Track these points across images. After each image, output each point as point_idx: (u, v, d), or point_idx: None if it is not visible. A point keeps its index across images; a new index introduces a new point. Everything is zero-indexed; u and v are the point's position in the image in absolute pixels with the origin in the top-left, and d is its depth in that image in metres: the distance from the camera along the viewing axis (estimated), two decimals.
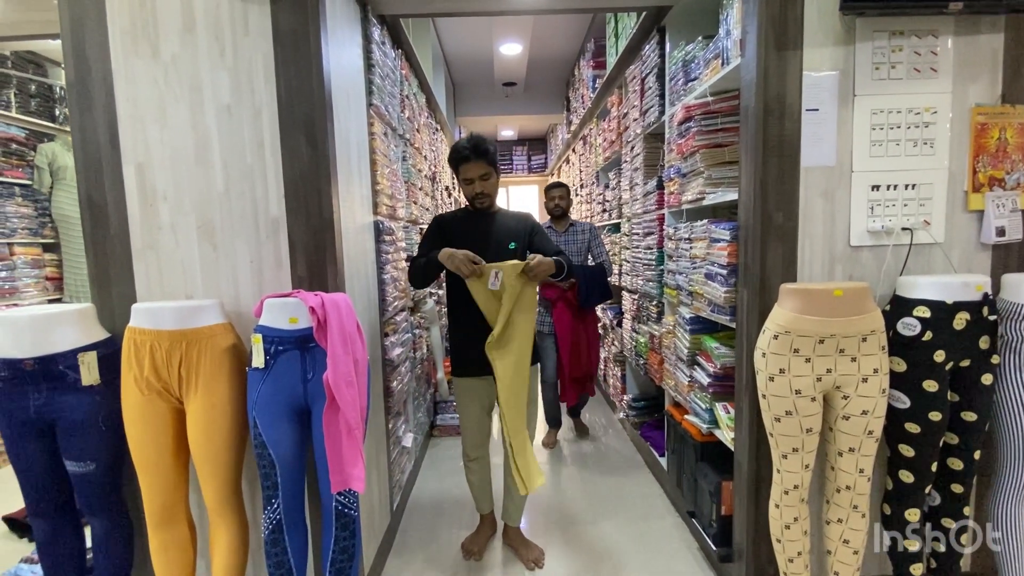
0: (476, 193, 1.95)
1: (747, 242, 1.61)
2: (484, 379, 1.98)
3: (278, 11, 1.49)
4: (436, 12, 2.39)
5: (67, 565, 1.50)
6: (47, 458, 1.42)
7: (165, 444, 1.42)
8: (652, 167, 2.74)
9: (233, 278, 1.56)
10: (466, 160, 1.92)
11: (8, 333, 1.36)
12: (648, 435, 2.93)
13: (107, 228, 1.54)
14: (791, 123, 1.53)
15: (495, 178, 1.98)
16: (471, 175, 1.93)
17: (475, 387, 2.01)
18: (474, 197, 1.97)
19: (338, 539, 1.42)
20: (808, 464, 1.47)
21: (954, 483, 1.53)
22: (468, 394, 2.03)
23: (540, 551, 2.08)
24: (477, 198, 1.97)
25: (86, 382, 1.39)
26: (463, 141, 1.95)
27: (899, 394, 1.46)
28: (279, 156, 1.53)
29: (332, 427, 1.36)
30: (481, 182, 1.94)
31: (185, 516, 1.50)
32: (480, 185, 1.94)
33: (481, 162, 1.91)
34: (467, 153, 1.91)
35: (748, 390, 1.60)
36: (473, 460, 2.10)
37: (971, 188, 1.58)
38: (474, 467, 2.12)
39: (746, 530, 1.67)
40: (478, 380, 2.00)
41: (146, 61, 1.49)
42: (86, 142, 1.52)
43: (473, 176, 1.93)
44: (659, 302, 2.62)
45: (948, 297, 1.42)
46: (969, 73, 1.55)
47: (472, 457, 2.10)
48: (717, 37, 1.88)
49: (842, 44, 1.53)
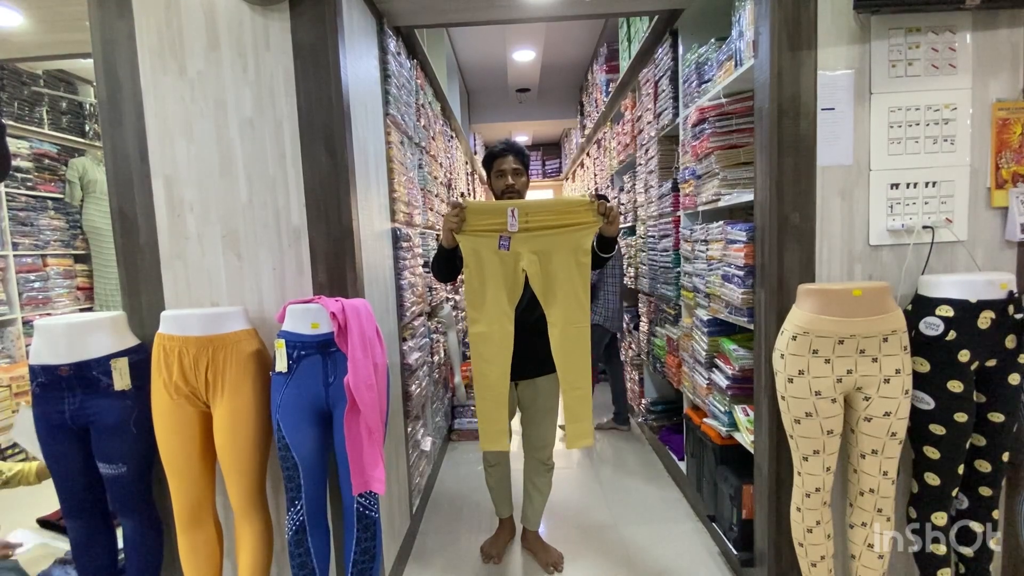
0: (507, 185, 1.92)
1: (764, 243, 1.60)
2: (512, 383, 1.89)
3: (298, 26, 1.54)
4: (450, 22, 2.43)
5: (100, 564, 1.54)
6: (81, 460, 1.47)
7: (193, 447, 1.47)
8: (667, 169, 2.74)
9: (257, 286, 1.60)
10: (502, 154, 1.93)
11: (45, 340, 1.42)
12: (667, 439, 2.91)
13: (137, 239, 1.60)
14: (806, 123, 1.52)
15: (526, 179, 1.97)
16: (504, 167, 1.92)
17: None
18: (504, 190, 1.93)
19: (360, 540, 1.45)
20: (830, 467, 1.45)
21: (982, 486, 1.49)
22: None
23: (559, 555, 2.08)
24: (507, 192, 1.92)
25: (118, 387, 1.45)
26: (499, 142, 1.97)
27: (923, 395, 1.44)
28: (300, 166, 1.57)
29: (353, 430, 1.39)
30: (514, 176, 1.92)
31: (212, 517, 1.54)
32: (512, 178, 1.92)
33: (516, 158, 1.92)
34: (503, 147, 1.93)
35: (767, 392, 1.59)
36: (493, 466, 2.11)
37: (994, 185, 1.55)
38: (494, 472, 2.12)
39: (767, 534, 1.66)
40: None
41: (173, 78, 1.55)
42: (117, 156, 1.58)
43: (506, 168, 1.92)
44: (676, 304, 2.61)
45: (972, 296, 1.39)
46: (989, 68, 1.53)
47: (492, 463, 2.11)
48: (730, 39, 1.88)
49: (857, 43, 1.52)
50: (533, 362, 1.93)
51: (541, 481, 2.08)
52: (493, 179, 1.98)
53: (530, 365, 1.93)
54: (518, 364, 1.83)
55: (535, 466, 2.07)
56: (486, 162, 1.99)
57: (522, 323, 1.81)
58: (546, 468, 2.07)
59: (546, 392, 1.99)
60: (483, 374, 1.79)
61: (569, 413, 1.80)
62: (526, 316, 1.86)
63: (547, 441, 2.04)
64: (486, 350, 1.77)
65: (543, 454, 2.05)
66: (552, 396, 2.00)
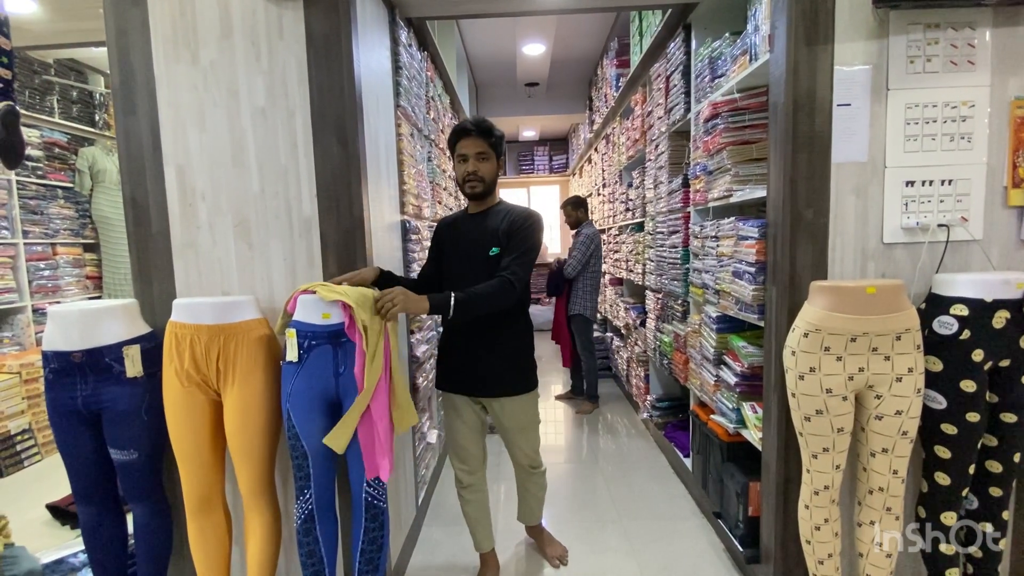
0: (468, 172, 1.69)
1: (776, 239, 1.59)
2: (472, 398, 1.80)
3: (311, 16, 1.53)
4: (461, 14, 2.42)
5: (110, 549, 1.56)
6: (93, 447, 1.49)
7: (203, 434, 1.48)
8: (677, 165, 2.72)
9: (267, 275, 1.61)
10: (466, 134, 1.68)
11: (58, 327, 1.43)
12: (672, 436, 2.91)
13: (149, 227, 1.60)
14: (822, 118, 1.50)
15: (494, 163, 1.72)
16: (467, 151, 1.68)
17: (460, 402, 1.80)
18: (465, 178, 1.70)
19: (368, 530, 1.46)
20: (839, 464, 1.45)
21: (992, 486, 1.49)
22: (453, 411, 1.82)
23: (564, 549, 2.09)
24: (468, 180, 1.69)
25: (130, 374, 1.45)
26: (467, 118, 1.77)
27: (935, 394, 1.43)
28: (312, 157, 1.57)
29: (364, 418, 1.39)
30: (476, 161, 1.68)
31: (221, 504, 1.55)
32: (474, 164, 1.68)
33: (481, 140, 1.67)
34: (469, 127, 1.68)
35: (777, 389, 1.58)
36: (466, 488, 1.87)
37: (1011, 183, 1.53)
38: (468, 496, 1.88)
39: (774, 531, 1.65)
40: (464, 398, 1.80)
41: (186, 67, 1.55)
42: (130, 145, 1.58)
43: (468, 152, 1.68)
44: (684, 301, 2.60)
45: (987, 295, 1.38)
46: (1009, 65, 1.51)
47: (465, 484, 1.87)
48: (745, 33, 1.87)
49: (875, 38, 1.50)
50: (491, 378, 1.75)
51: (534, 485, 2.00)
52: (455, 163, 1.74)
53: (489, 382, 1.76)
54: (475, 380, 1.76)
55: (524, 473, 1.97)
56: (450, 141, 1.74)
57: (469, 336, 1.73)
58: (537, 473, 1.97)
59: (512, 414, 1.80)
60: None
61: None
62: (473, 329, 1.72)
63: (528, 453, 1.89)
64: None
65: (528, 462, 1.92)
66: (523, 416, 1.82)
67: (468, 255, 1.72)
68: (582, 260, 3.60)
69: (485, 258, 1.69)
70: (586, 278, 3.65)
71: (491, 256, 1.69)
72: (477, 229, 1.74)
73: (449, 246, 1.77)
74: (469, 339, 1.74)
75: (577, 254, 3.62)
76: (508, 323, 1.74)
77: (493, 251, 1.69)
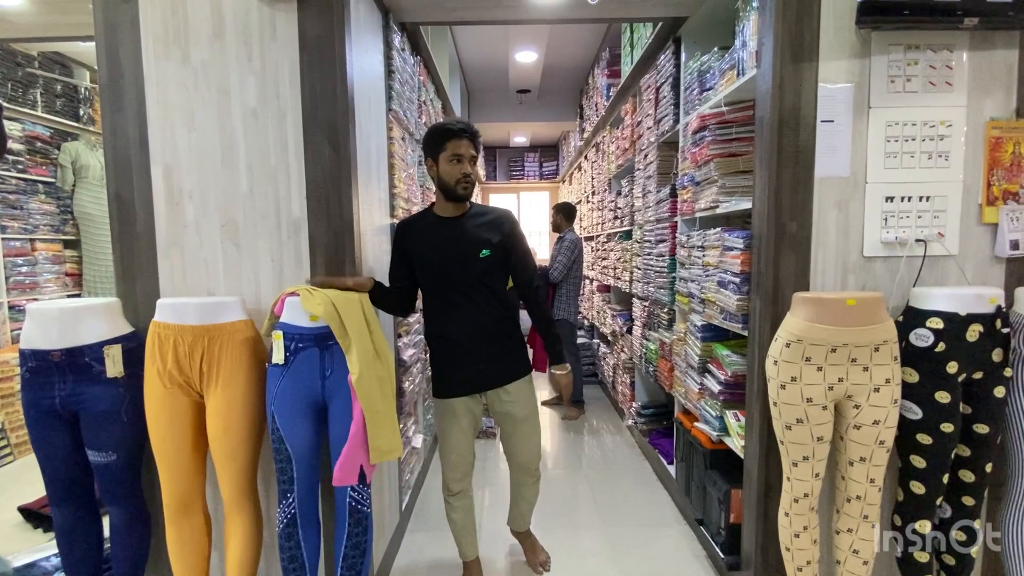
0: (464, 174, 1.67)
1: (760, 251, 1.62)
2: (471, 397, 1.78)
3: (305, 18, 1.53)
4: (456, 20, 2.43)
5: (85, 553, 1.52)
6: (70, 447, 1.46)
7: (185, 437, 1.46)
8: (665, 175, 2.76)
9: (254, 276, 1.60)
10: (459, 135, 1.66)
11: (37, 325, 1.40)
12: (656, 442, 2.93)
13: (134, 225, 1.58)
14: (806, 134, 1.54)
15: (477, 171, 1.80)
16: (463, 152, 1.66)
17: (460, 407, 1.78)
18: (460, 179, 1.67)
19: (351, 535, 1.45)
20: (818, 472, 1.48)
21: (965, 495, 1.52)
22: (451, 417, 1.79)
23: (547, 555, 2.09)
24: (462, 181, 1.67)
25: (111, 374, 1.43)
26: (451, 119, 1.72)
27: (911, 405, 1.46)
28: (302, 158, 1.57)
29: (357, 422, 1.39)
30: (471, 164, 1.69)
31: (201, 508, 1.53)
32: (470, 166, 1.69)
33: (472, 143, 1.69)
34: (463, 128, 1.67)
35: (759, 398, 1.61)
36: (455, 495, 1.85)
37: (985, 201, 1.58)
38: (456, 502, 1.86)
39: (755, 538, 1.68)
40: (464, 402, 1.78)
41: (176, 66, 1.54)
42: (116, 142, 1.56)
43: (465, 154, 1.66)
44: (670, 309, 2.63)
45: (962, 309, 1.42)
46: (984, 87, 1.56)
47: (454, 491, 1.85)
48: (733, 48, 1.90)
49: (858, 57, 1.54)
50: (497, 368, 1.77)
51: (529, 492, 1.99)
52: (445, 163, 1.67)
53: (496, 372, 1.77)
54: (480, 376, 1.76)
55: (521, 478, 1.96)
56: (436, 139, 1.68)
57: (481, 326, 1.73)
58: (533, 479, 1.97)
59: (521, 398, 1.80)
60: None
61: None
62: (483, 319, 1.73)
63: (530, 454, 1.89)
64: None
65: (528, 465, 1.92)
66: (531, 399, 1.84)
67: (460, 259, 1.70)
68: (568, 265, 3.68)
69: (477, 261, 1.70)
70: (569, 283, 3.72)
71: (482, 258, 1.70)
72: (465, 233, 1.72)
73: (432, 251, 1.72)
74: (468, 340, 1.74)
75: (563, 259, 3.68)
76: (502, 313, 1.78)
77: (484, 253, 1.70)
